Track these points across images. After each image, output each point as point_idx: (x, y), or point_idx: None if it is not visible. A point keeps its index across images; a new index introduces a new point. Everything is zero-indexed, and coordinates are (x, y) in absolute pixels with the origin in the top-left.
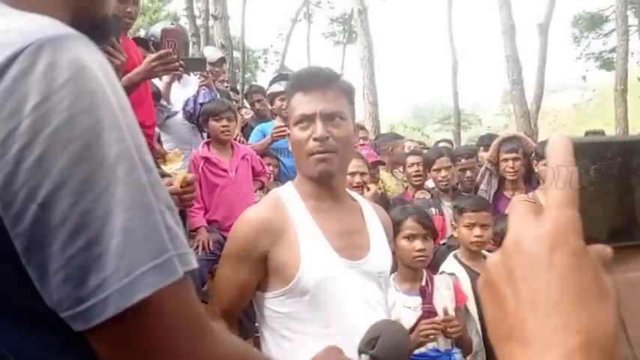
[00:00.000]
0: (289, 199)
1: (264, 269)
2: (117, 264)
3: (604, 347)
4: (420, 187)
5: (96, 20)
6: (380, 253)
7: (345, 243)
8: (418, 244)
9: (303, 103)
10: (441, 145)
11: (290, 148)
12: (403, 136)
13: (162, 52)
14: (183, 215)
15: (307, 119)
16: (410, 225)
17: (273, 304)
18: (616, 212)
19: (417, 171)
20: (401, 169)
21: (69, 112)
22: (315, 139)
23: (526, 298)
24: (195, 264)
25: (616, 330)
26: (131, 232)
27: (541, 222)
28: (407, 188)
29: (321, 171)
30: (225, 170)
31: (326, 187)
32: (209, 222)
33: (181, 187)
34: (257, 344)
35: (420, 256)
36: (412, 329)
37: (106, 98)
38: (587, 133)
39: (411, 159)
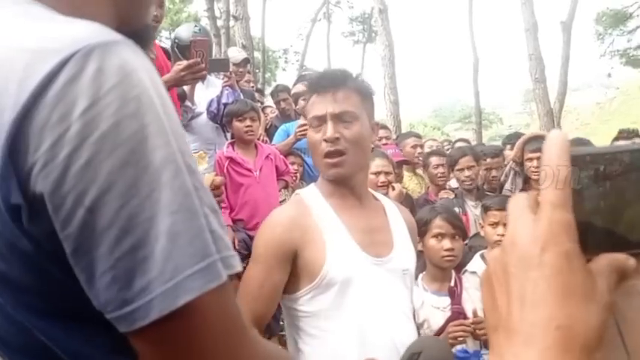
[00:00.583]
0: (312, 199)
1: (291, 268)
2: (162, 267)
3: (583, 345)
4: (442, 186)
5: (138, 29)
6: (403, 251)
7: (369, 240)
8: (447, 243)
9: (315, 105)
10: (458, 144)
11: None
12: (421, 135)
13: (191, 61)
14: None
15: (319, 120)
16: (438, 224)
17: (300, 304)
18: (615, 220)
19: (443, 173)
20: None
21: (115, 117)
22: (326, 140)
23: (515, 293)
24: (239, 267)
25: (599, 331)
26: (176, 235)
27: (536, 221)
28: (428, 188)
29: (333, 175)
30: (249, 170)
31: (345, 186)
32: (234, 221)
33: (210, 189)
34: (282, 343)
35: (449, 256)
36: (441, 330)
37: (151, 103)
38: (620, 132)
39: (434, 160)
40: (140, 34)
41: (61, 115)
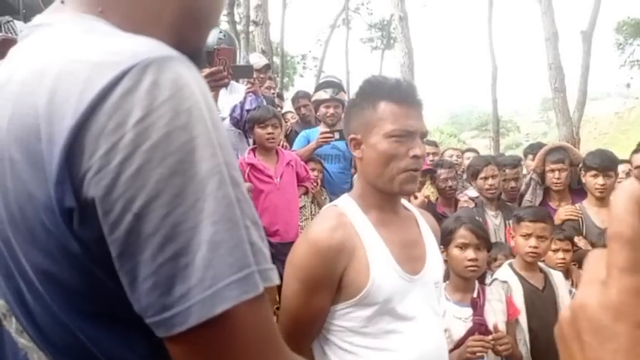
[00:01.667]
0: (352, 214)
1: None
2: (202, 275)
3: None
4: (450, 199)
5: (193, 52)
6: (434, 263)
7: (406, 256)
8: (470, 253)
9: (403, 118)
10: (467, 154)
11: (362, 156)
12: (437, 143)
13: (214, 69)
14: None
15: (407, 135)
16: (462, 234)
17: (334, 318)
18: None
19: (451, 187)
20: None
21: (167, 128)
22: (416, 157)
23: None
24: (277, 280)
25: None
26: (217, 245)
27: (605, 288)
28: (437, 199)
29: (411, 190)
30: (270, 176)
31: (390, 200)
32: None
33: None
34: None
35: (472, 266)
36: (461, 342)
37: (201, 116)
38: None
39: (443, 172)
40: (192, 57)
41: (116, 124)
